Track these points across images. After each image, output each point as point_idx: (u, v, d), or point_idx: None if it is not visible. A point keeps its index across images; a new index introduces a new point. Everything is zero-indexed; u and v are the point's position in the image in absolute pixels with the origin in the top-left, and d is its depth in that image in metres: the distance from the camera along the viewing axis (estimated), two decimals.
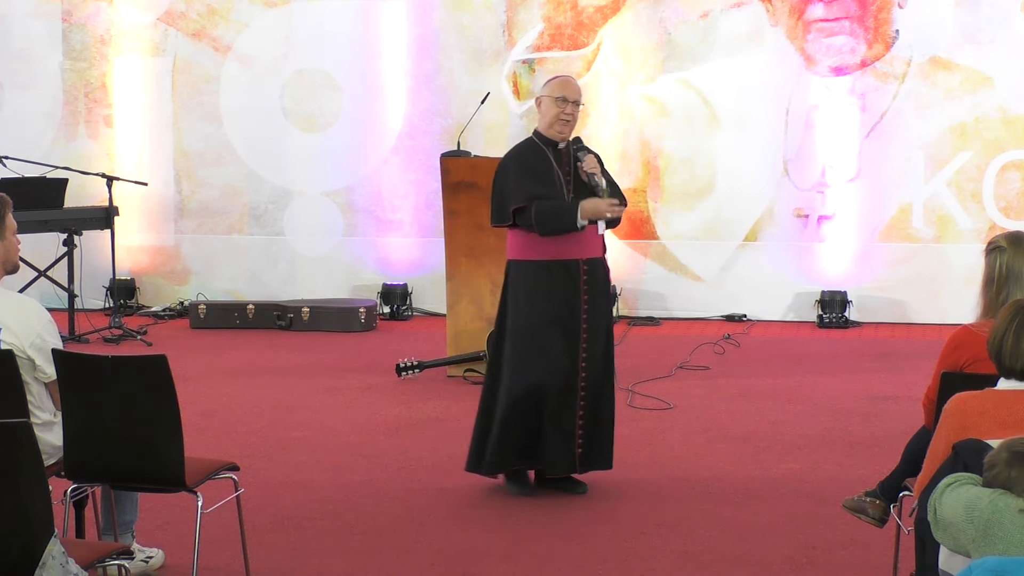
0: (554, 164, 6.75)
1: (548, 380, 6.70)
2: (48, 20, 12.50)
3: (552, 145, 6.79)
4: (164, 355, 5.15)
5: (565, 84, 6.84)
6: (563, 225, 6.63)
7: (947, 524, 3.70)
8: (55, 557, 4.08)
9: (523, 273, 6.74)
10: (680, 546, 6.14)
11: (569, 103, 6.74)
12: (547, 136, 6.79)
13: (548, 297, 6.70)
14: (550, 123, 6.76)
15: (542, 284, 6.70)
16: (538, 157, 6.76)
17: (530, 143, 6.84)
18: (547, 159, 6.76)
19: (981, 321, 5.12)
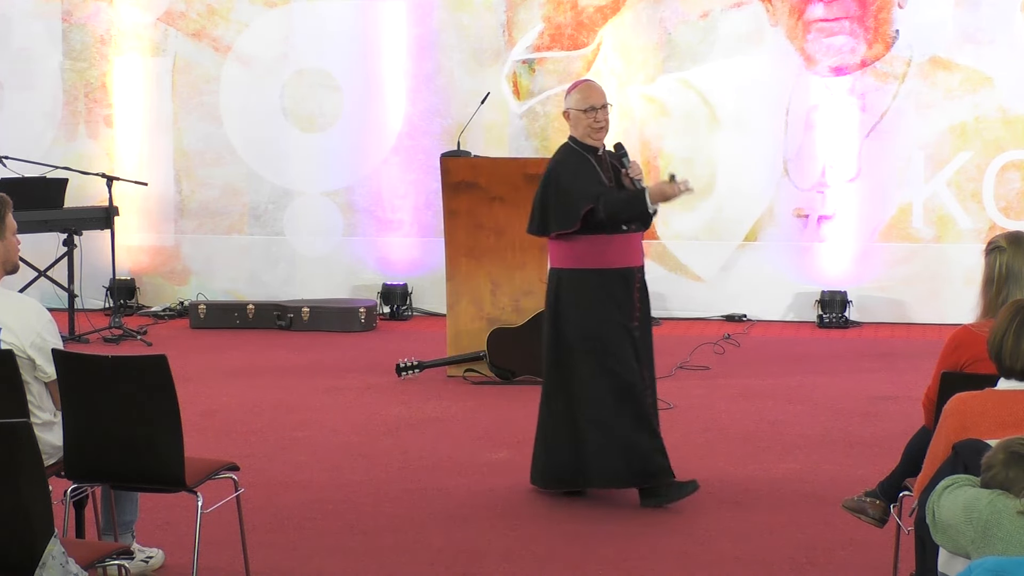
0: (598, 169, 6.68)
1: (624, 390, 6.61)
2: (48, 20, 12.50)
3: (592, 151, 6.72)
4: (164, 355, 5.15)
5: (588, 92, 6.75)
6: (635, 212, 6.58)
7: (946, 526, 3.70)
8: (55, 557, 4.08)
9: (582, 283, 6.64)
10: (680, 546, 6.14)
11: (597, 110, 6.69)
12: (585, 143, 6.72)
13: (610, 305, 6.62)
14: (584, 134, 6.70)
15: (603, 292, 6.62)
16: (581, 163, 6.68)
17: (570, 150, 6.75)
18: (589, 163, 6.68)
19: (981, 321, 5.12)
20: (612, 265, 6.65)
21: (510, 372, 9.40)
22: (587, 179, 6.63)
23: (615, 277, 6.66)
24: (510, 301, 9.47)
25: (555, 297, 6.74)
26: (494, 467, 7.39)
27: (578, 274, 6.68)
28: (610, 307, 6.64)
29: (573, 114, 6.74)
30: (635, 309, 6.71)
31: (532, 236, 9.30)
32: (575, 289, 6.67)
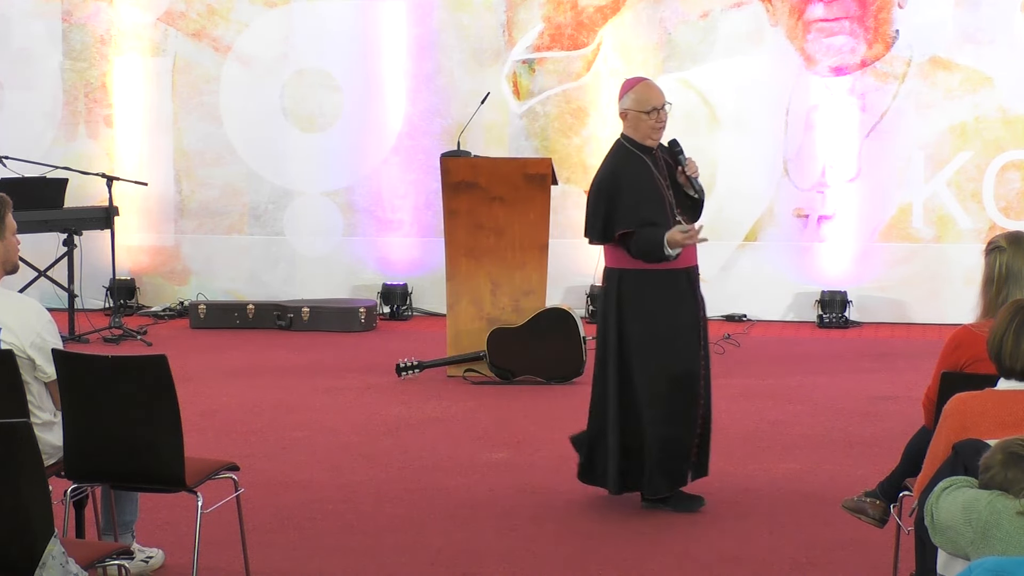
0: (653, 169, 6.60)
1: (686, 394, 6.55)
2: (48, 20, 12.50)
3: (647, 151, 6.63)
4: (164, 355, 5.15)
5: (648, 92, 6.64)
6: (656, 259, 6.49)
7: (945, 527, 3.70)
8: (55, 557, 4.08)
9: (645, 283, 6.57)
10: (680, 546, 6.15)
11: (659, 110, 6.58)
12: (640, 143, 6.62)
13: (673, 304, 6.56)
14: (645, 135, 6.60)
15: (665, 291, 6.56)
16: (637, 166, 6.58)
17: (624, 151, 6.64)
18: (645, 166, 6.59)
19: (981, 321, 5.12)
20: (674, 265, 6.56)
21: (510, 372, 9.40)
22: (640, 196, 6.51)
23: (679, 276, 6.59)
24: (510, 301, 9.47)
25: (616, 297, 6.63)
26: (494, 467, 7.40)
27: (642, 274, 6.57)
28: (675, 306, 6.57)
29: (632, 115, 6.61)
30: (698, 308, 6.65)
31: (534, 236, 9.44)
32: (639, 288, 6.57)
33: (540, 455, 7.64)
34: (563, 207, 11.71)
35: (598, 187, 6.64)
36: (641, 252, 6.51)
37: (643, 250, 6.51)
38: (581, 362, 9.38)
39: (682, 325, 6.58)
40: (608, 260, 6.72)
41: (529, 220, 9.44)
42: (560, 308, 9.59)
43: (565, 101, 11.96)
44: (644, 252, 6.51)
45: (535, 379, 9.40)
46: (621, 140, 6.70)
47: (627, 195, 6.54)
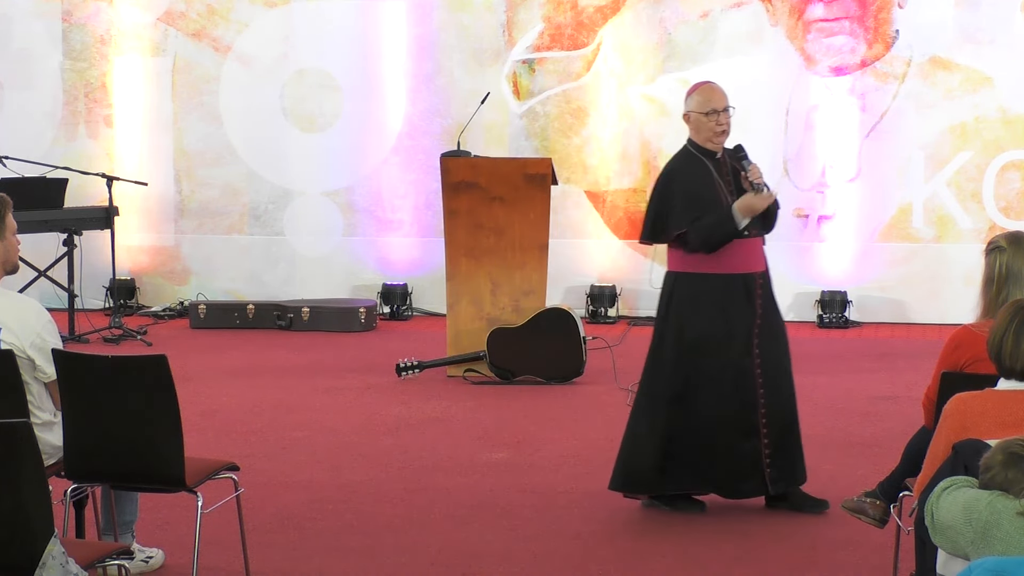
0: (715, 174, 6.55)
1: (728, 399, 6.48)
2: (48, 20, 12.50)
3: (710, 156, 6.58)
4: (164, 355, 5.15)
5: (710, 95, 6.60)
6: (726, 232, 6.41)
7: (945, 527, 3.70)
8: (55, 557, 4.08)
9: (697, 286, 6.51)
10: (680, 546, 6.14)
11: (720, 113, 6.55)
12: (704, 147, 6.58)
13: (725, 312, 6.48)
14: (707, 138, 6.56)
15: (719, 298, 6.49)
16: (699, 170, 6.54)
17: (688, 155, 6.60)
18: (708, 170, 6.55)
19: (981, 321, 5.12)
20: (731, 270, 6.48)
21: (510, 372, 9.40)
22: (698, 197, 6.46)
23: (735, 282, 6.50)
24: (510, 301, 9.47)
25: (667, 300, 6.60)
26: (494, 467, 7.40)
27: (695, 278, 6.51)
28: (726, 313, 6.48)
29: (694, 117, 6.58)
30: (755, 316, 6.52)
31: (534, 236, 9.44)
32: (690, 293, 6.51)
33: (540, 455, 7.64)
34: (563, 207, 11.72)
35: (654, 188, 6.63)
36: (704, 236, 6.41)
37: (707, 233, 6.41)
38: (581, 362, 9.38)
39: (727, 332, 6.49)
40: (669, 263, 6.68)
41: (529, 220, 9.44)
42: (560, 308, 9.59)
43: (565, 101, 11.96)
44: (708, 235, 6.41)
45: (535, 379, 9.40)
46: (686, 144, 6.65)
47: (681, 195, 6.48)
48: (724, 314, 6.49)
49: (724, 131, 6.58)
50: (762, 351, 6.54)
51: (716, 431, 6.49)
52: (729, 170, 6.61)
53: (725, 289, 6.50)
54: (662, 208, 6.55)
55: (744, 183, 6.57)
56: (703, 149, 6.60)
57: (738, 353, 6.50)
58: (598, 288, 11.89)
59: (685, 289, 6.55)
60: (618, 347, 10.43)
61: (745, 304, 6.52)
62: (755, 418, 6.51)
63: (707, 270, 6.50)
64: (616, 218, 11.94)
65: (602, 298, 11.86)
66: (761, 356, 6.53)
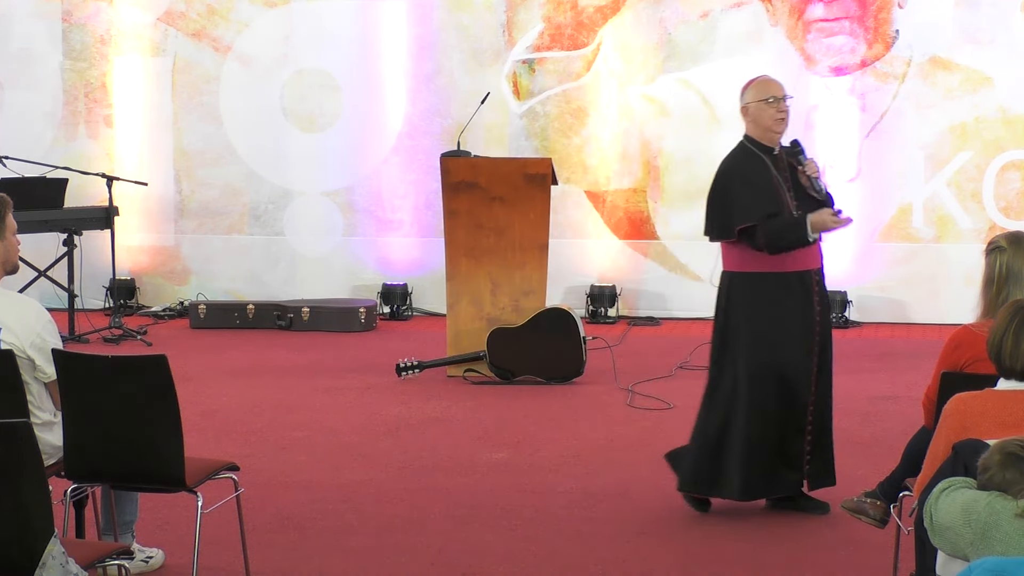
0: (772, 170, 6.53)
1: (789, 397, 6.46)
2: (48, 20, 12.50)
3: (768, 151, 6.56)
4: (164, 355, 5.15)
5: (768, 83, 6.61)
6: (794, 241, 6.41)
7: (944, 529, 3.69)
8: (55, 557, 4.08)
9: (754, 286, 6.47)
10: (680, 546, 6.14)
11: (779, 100, 6.54)
12: (762, 142, 6.56)
13: (785, 310, 6.46)
14: (768, 126, 6.53)
15: (778, 297, 6.46)
16: (758, 166, 6.51)
17: (745, 151, 6.58)
18: (766, 166, 6.52)
19: (981, 321, 5.12)
20: (789, 268, 6.46)
21: (510, 372, 9.40)
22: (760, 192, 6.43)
23: (792, 280, 6.48)
24: (510, 301, 9.47)
25: (726, 300, 6.56)
26: (494, 467, 7.40)
27: (753, 277, 6.49)
28: (786, 312, 6.45)
29: (754, 107, 6.56)
30: (815, 313, 6.51)
31: (534, 236, 9.43)
32: (749, 292, 6.48)
33: (540, 455, 7.64)
34: (563, 207, 11.72)
35: (713, 185, 6.58)
36: (772, 239, 6.38)
37: (775, 236, 6.38)
38: (581, 362, 9.38)
39: (788, 330, 6.46)
40: (723, 263, 6.63)
41: (529, 220, 9.44)
42: (560, 308, 9.59)
43: (565, 101, 11.96)
44: (776, 238, 6.39)
45: (535, 379, 9.40)
46: (742, 140, 6.63)
47: (743, 190, 6.45)
48: (785, 312, 6.47)
49: (784, 119, 6.56)
50: (820, 351, 6.54)
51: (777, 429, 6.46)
52: (785, 166, 6.58)
53: (784, 287, 6.48)
54: (727, 203, 6.49)
55: (801, 178, 6.56)
56: (760, 145, 6.57)
57: (799, 351, 6.48)
58: (598, 288, 11.89)
59: (745, 289, 6.51)
60: (618, 347, 10.44)
61: (804, 301, 6.50)
62: (805, 416, 6.51)
63: (766, 269, 6.46)
64: (616, 218, 11.94)
65: (602, 298, 11.86)
66: (818, 354, 6.53)
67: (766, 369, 6.46)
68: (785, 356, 6.46)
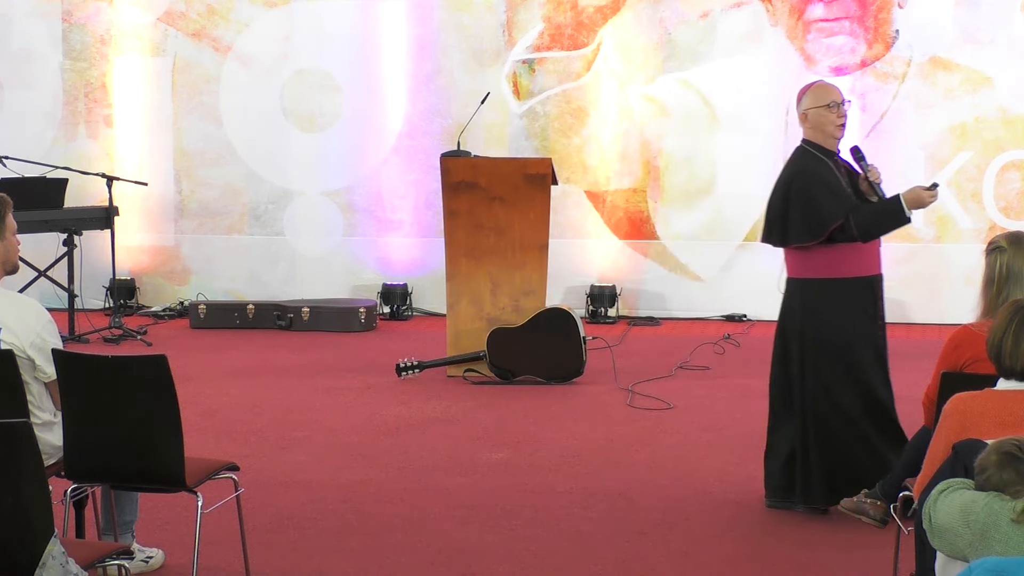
0: (836, 174, 6.49)
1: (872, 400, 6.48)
2: (48, 20, 12.50)
3: (830, 155, 6.53)
4: (164, 355, 5.15)
5: (827, 89, 6.59)
6: (891, 222, 6.36)
7: (943, 530, 3.69)
8: (55, 557, 4.08)
9: (826, 291, 6.43)
10: (680, 546, 6.14)
11: (839, 105, 6.52)
12: (824, 147, 6.53)
13: (860, 315, 6.44)
14: (829, 132, 6.50)
15: (852, 302, 6.42)
16: (825, 169, 6.48)
17: (809, 155, 6.53)
18: (830, 169, 6.49)
19: (981, 321, 5.12)
20: (860, 273, 6.45)
21: (510, 372, 9.40)
22: (833, 189, 6.40)
23: (863, 285, 6.47)
24: (510, 301, 9.47)
25: (801, 307, 6.48)
26: (494, 467, 7.40)
27: (824, 284, 6.44)
28: (860, 317, 6.44)
29: (813, 113, 6.53)
30: (880, 318, 6.51)
31: (534, 236, 9.43)
32: (822, 299, 6.43)
33: (540, 455, 7.64)
34: (563, 207, 11.73)
35: (785, 192, 6.49)
36: (868, 226, 6.34)
37: (870, 222, 6.34)
38: (581, 362, 9.38)
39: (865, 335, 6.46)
40: (792, 270, 6.57)
41: (529, 220, 9.44)
42: (560, 308, 9.59)
43: (565, 101, 11.96)
44: (872, 225, 6.34)
45: (535, 379, 9.40)
46: (802, 145, 6.58)
47: (824, 190, 6.40)
48: (860, 318, 6.45)
49: (844, 123, 6.54)
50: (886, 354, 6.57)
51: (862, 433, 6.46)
52: (846, 171, 6.56)
53: (855, 293, 6.46)
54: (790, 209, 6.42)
55: (862, 184, 6.52)
56: (821, 148, 6.54)
57: (871, 356, 6.47)
58: (598, 288, 11.89)
59: (816, 295, 6.46)
60: (618, 347, 10.44)
61: (872, 306, 6.50)
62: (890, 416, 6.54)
63: (836, 275, 6.43)
64: (616, 218, 11.94)
65: (602, 298, 11.86)
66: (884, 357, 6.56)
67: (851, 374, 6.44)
68: (864, 362, 6.45)
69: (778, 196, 6.53)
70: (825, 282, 6.46)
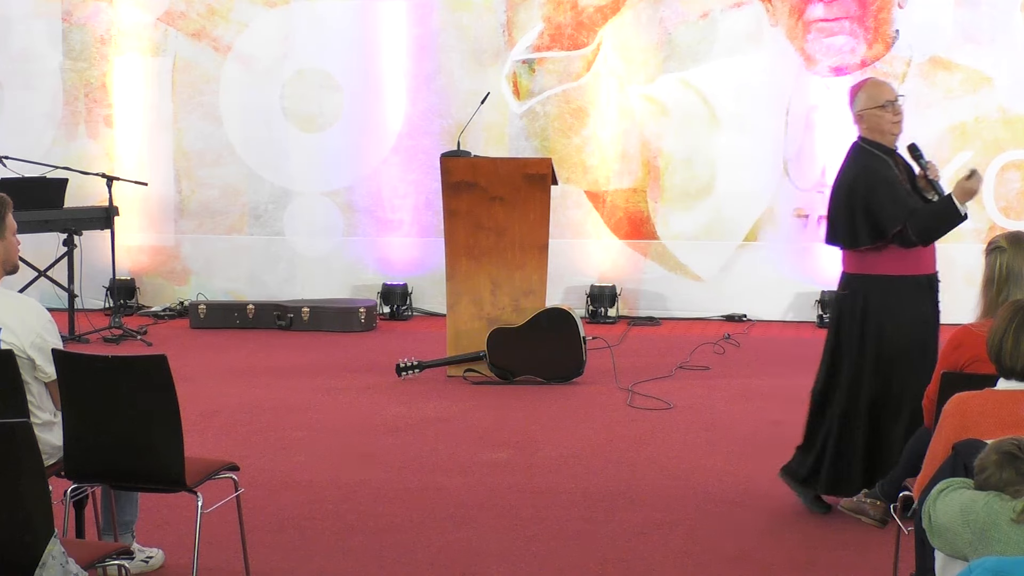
0: (895, 171, 6.47)
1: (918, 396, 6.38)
2: (48, 20, 12.50)
3: (888, 153, 6.51)
4: (164, 355, 5.15)
5: (880, 88, 6.56)
6: (948, 222, 6.33)
7: (943, 530, 3.69)
8: (55, 557, 4.08)
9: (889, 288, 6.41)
10: (680, 546, 6.14)
11: (894, 103, 6.49)
12: (883, 144, 6.51)
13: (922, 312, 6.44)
14: (887, 130, 6.48)
15: (914, 298, 6.43)
16: (886, 168, 6.45)
17: (868, 153, 6.51)
18: (890, 167, 6.46)
19: (981, 321, 5.12)
20: (921, 271, 6.45)
21: (510, 372, 9.40)
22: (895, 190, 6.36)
23: (923, 283, 6.47)
24: (510, 301, 9.47)
25: (863, 304, 6.45)
26: (494, 467, 7.40)
27: (886, 281, 6.42)
28: (921, 313, 6.44)
29: (869, 114, 6.50)
30: (938, 315, 6.53)
31: (534, 236, 9.43)
32: (885, 297, 6.41)
33: (540, 455, 7.64)
34: (563, 207, 11.73)
35: (851, 189, 6.46)
36: (927, 230, 6.33)
37: (931, 224, 6.32)
38: (581, 362, 9.38)
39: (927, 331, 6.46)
40: (850, 266, 6.54)
41: (529, 220, 9.44)
42: (560, 308, 9.59)
43: (565, 101, 11.96)
44: (932, 226, 6.33)
45: (535, 379, 9.40)
46: (860, 144, 6.55)
47: (887, 191, 6.38)
48: (919, 315, 6.45)
49: (900, 121, 6.52)
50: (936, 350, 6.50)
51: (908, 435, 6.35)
52: (904, 168, 6.55)
53: (917, 290, 6.46)
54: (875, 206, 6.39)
55: (920, 181, 6.51)
56: (880, 146, 6.52)
57: (932, 352, 6.42)
58: (598, 288, 11.89)
59: (879, 293, 6.44)
60: (618, 347, 10.45)
61: (931, 304, 6.51)
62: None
63: (899, 272, 6.42)
64: (616, 218, 11.94)
65: (602, 298, 11.86)
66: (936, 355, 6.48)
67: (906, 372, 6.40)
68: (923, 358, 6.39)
69: (841, 198, 6.49)
70: (887, 280, 6.43)
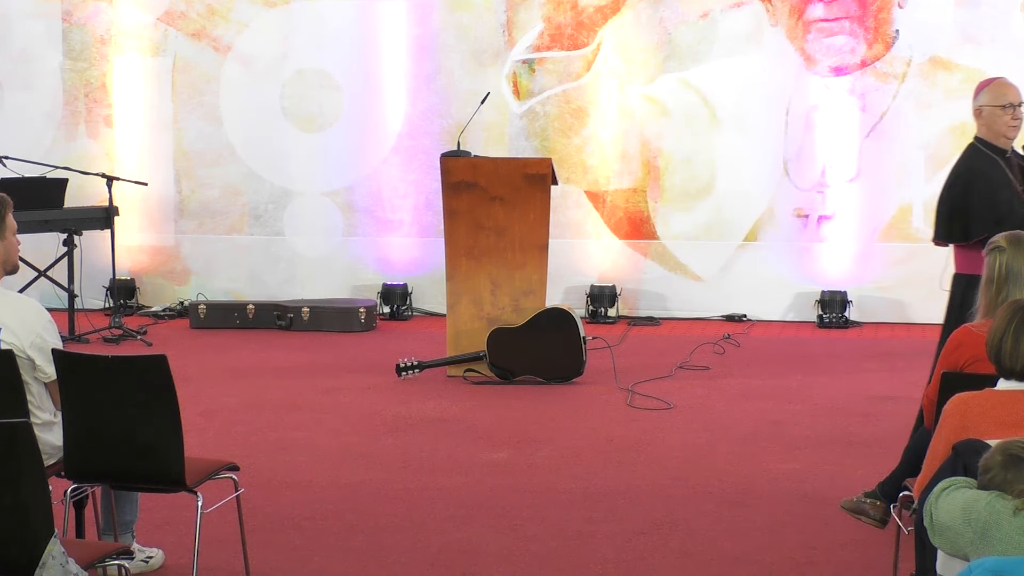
0: (1006, 171, 6.49)
1: None
2: (48, 20, 12.50)
3: (1001, 153, 6.52)
4: (164, 355, 5.15)
5: (1005, 88, 6.57)
6: None
7: (944, 528, 3.69)
8: (55, 557, 4.08)
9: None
10: (680, 546, 6.14)
11: (1016, 107, 6.50)
12: (995, 144, 6.52)
13: None
14: (1002, 132, 6.49)
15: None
16: (993, 169, 6.48)
17: (980, 153, 6.54)
18: (1001, 168, 6.48)
19: (981, 321, 5.12)
20: None
21: (510, 372, 9.40)
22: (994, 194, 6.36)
23: None
24: (510, 301, 9.47)
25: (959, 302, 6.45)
26: (494, 467, 7.40)
27: None
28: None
29: (987, 111, 6.53)
30: None
31: (534, 236, 9.43)
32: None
33: (540, 455, 7.64)
34: (563, 207, 11.73)
35: (951, 187, 6.50)
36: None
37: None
38: (581, 362, 9.38)
39: None
40: (959, 265, 6.57)
41: (529, 220, 9.44)
42: (560, 308, 9.59)
43: (565, 101, 11.96)
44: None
45: (535, 379, 9.40)
46: (974, 142, 6.58)
47: (985, 195, 6.39)
48: None
49: (1018, 126, 6.52)
50: None
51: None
52: (1018, 169, 6.55)
53: None
54: (966, 207, 6.42)
55: None
56: (993, 146, 6.53)
57: None
58: (598, 288, 11.89)
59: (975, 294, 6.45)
60: (618, 347, 10.44)
61: None
62: None
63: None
64: (616, 218, 11.94)
65: (602, 298, 11.86)
66: None
67: None
68: None
69: (943, 194, 6.56)
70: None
